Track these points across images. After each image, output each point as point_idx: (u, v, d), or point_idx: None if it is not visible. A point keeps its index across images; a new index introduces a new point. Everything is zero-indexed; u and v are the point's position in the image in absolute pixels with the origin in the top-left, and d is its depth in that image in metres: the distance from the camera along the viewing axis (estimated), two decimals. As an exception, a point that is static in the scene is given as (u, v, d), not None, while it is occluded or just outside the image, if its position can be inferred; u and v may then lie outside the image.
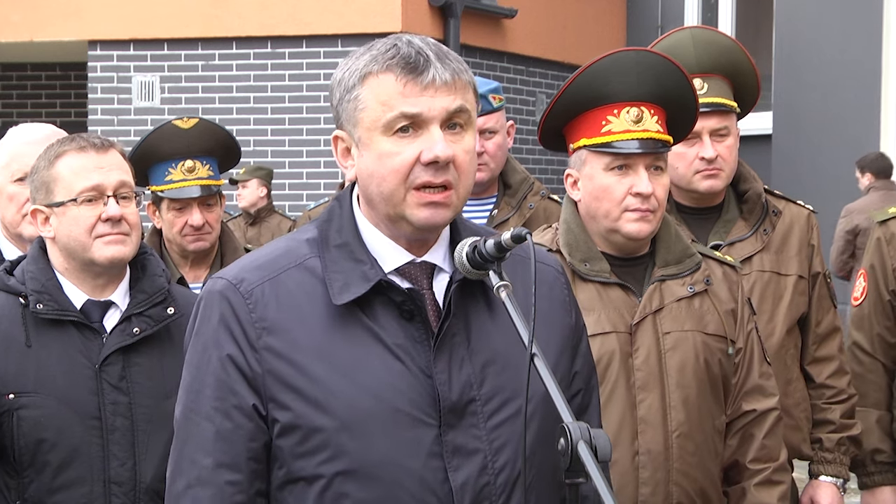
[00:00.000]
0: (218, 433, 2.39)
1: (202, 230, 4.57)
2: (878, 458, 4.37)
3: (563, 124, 3.49)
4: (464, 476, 2.38)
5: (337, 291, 2.40)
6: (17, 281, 3.37)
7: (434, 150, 2.35)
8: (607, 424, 3.34)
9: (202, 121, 4.70)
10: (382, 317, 2.41)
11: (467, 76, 2.42)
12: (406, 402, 2.38)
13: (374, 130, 2.38)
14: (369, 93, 2.38)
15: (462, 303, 2.44)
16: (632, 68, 3.39)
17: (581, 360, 2.64)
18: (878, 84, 10.35)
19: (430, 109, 2.36)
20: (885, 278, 4.37)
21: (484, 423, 2.41)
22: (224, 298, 2.42)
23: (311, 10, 11.78)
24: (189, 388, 2.44)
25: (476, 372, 2.42)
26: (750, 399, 3.53)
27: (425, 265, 2.46)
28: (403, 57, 2.37)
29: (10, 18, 12.38)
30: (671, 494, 3.39)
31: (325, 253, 2.44)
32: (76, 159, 3.36)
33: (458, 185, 2.39)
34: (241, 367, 2.39)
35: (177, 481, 2.43)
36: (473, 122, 2.43)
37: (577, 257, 3.45)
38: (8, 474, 3.29)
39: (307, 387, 2.37)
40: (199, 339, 2.44)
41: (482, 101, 4.75)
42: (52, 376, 3.28)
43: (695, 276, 3.49)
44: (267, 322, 2.39)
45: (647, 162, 3.39)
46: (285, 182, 11.75)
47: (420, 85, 2.36)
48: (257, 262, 2.47)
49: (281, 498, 2.42)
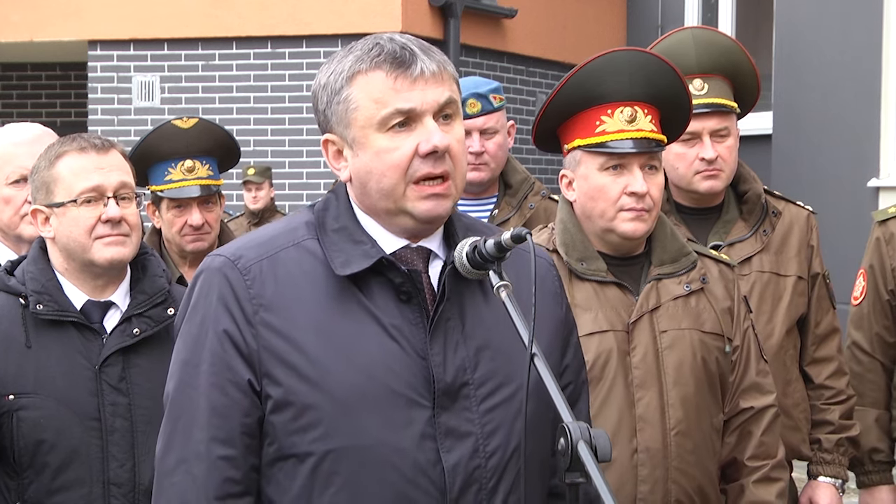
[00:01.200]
0: (213, 408, 2.40)
1: (201, 230, 4.58)
2: (875, 457, 4.37)
3: (557, 125, 3.50)
4: (456, 458, 2.40)
5: (339, 265, 2.42)
6: (17, 281, 3.37)
7: (432, 141, 2.38)
8: (605, 422, 3.35)
9: (202, 121, 4.71)
10: (379, 297, 2.43)
11: (451, 67, 2.47)
12: (400, 383, 2.40)
13: (370, 128, 2.41)
14: (360, 92, 2.41)
15: (457, 288, 2.46)
16: (625, 68, 3.40)
17: (571, 353, 2.67)
18: (878, 84, 10.34)
19: (423, 103, 2.40)
20: (884, 278, 4.37)
21: (477, 407, 2.43)
22: (222, 275, 2.44)
23: (311, 10, 11.77)
24: (184, 362, 2.45)
25: (470, 356, 2.45)
26: (747, 396, 3.54)
27: (421, 250, 2.49)
28: (390, 53, 2.40)
29: (10, 18, 12.37)
30: (669, 492, 3.39)
31: (322, 236, 2.47)
32: (77, 160, 3.36)
33: (455, 174, 2.43)
34: (237, 343, 2.40)
35: (168, 455, 2.44)
36: (460, 112, 2.47)
37: (574, 257, 3.46)
38: (7, 475, 3.29)
39: (302, 364, 2.38)
40: (196, 315, 2.45)
41: (482, 100, 4.76)
42: (51, 377, 3.28)
43: (691, 274, 3.50)
44: (264, 299, 2.41)
45: (641, 161, 3.40)
46: (285, 182, 11.74)
47: (410, 78, 2.40)
48: (255, 240, 2.49)
49: (271, 474, 2.43)
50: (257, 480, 2.43)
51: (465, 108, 4.77)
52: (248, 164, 10.88)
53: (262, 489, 2.44)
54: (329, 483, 2.39)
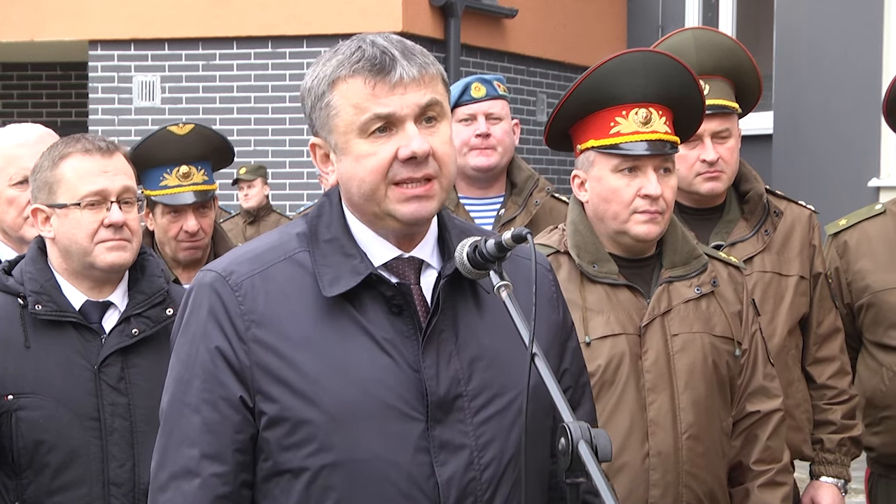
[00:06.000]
0: (205, 424, 2.40)
1: (196, 236, 4.57)
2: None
3: (570, 125, 3.49)
4: (450, 471, 2.39)
5: (327, 284, 2.41)
6: (15, 281, 3.36)
7: (411, 147, 2.37)
8: (617, 426, 3.35)
9: (198, 126, 4.69)
10: (371, 311, 2.42)
11: (434, 68, 2.44)
12: (394, 397, 2.39)
13: (350, 134, 2.40)
14: (340, 98, 2.41)
15: (450, 299, 2.45)
16: (640, 69, 3.39)
17: (570, 357, 2.65)
18: (878, 84, 10.33)
19: (402, 107, 2.38)
20: (839, 291, 4.37)
21: (471, 419, 2.42)
22: (213, 291, 2.43)
23: (312, 10, 11.77)
24: (177, 379, 2.45)
25: (464, 367, 2.44)
26: (754, 400, 3.53)
27: (413, 261, 2.47)
28: (369, 59, 2.39)
29: (11, 18, 12.37)
30: (681, 496, 3.39)
31: (314, 247, 2.46)
32: (81, 162, 3.35)
33: (441, 175, 2.42)
34: (229, 359, 2.40)
35: (161, 472, 2.44)
36: (447, 112, 2.46)
37: (586, 259, 3.45)
38: (7, 475, 3.29)
39: (295, 379, 2.38)
40: (188, 331, 2.45)
41: (487, 85, 4.79)
42: (50, 377, 3.28)
43: (701, 277, 3.49)
44: (256, 314, 2.40)
45: (655, 163, 3.39)
46: (285, 182, 11.74)
47: (389, 84, 2.38)
48: (247, 255, 2.48)
49: (266, 490, 2.42)
50: (249, 497, 2.43)
51: (470, 92, 4.78)
52: (247, 163, 10.88)
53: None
54: (324, 498, 2.38)
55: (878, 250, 4.33)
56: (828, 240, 4.43)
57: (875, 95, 10.11)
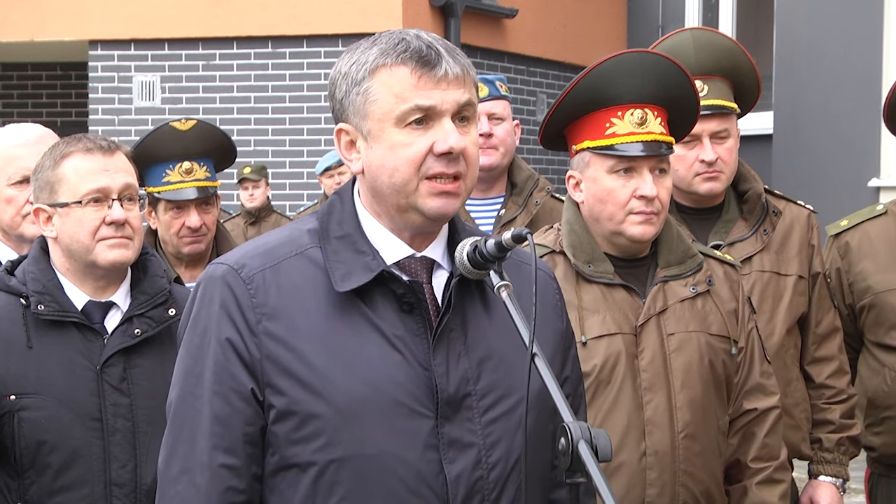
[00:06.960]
0: (216, 417, 2.40)
1: (199, 232, 4.57)
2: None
3: (565, 126, 3.50)
4: (458, 469, 2.40)
5: (339, 279, 2.41)
6: (18, 281, 3.36)
7: (449, 142, 2.38)
8: (614, 426, 3.36)
9: (200, 123, 4.70)
10: (382, 308, 2.42)
11: (473, 72, 2.46)
12: (404, 393, 2.39)
13: (387, 122, 2.40)
14: (380, 86, 2.40)
15: (460, 299, 2.46)
16: (636, 70, 3.39)
17: (571, 365, 2.66)
18: (878, 84, 10.34)
19: (442, 102, 2.39)
20: (841, 292, 4.37)
21: (479, 418, 2.43)
22: (225, 283, 2.43)
23: (312, 10, 11.77)
24: (187, 371, 2.45)
25: (473, 367, 2.44)
26: (751, 398, 3.54)
27: (425, 260, 2.48)
28: (416, 50, 2.39)
29: (11, 18, 12.37)
30: (677, 495, 3.39)
31: (326, 244, 2.46)
32: (82, 161, 3.36)
33: (467, 176, 2.43)
34: (239, 352, 2.40)
35: (171, 464, 2.43)
36: (477, 116, 2.48)
37: (582, 259, 3.46)
38: (9, 476, 3.29)
39: (305, 373, 2.38)
40: (198, 324, 2.45)
41: (490, 85, 4.80)
42: (52, 378, 3.28)
43: (697, 276, 3.50)
44: (267, 308, 2.40)
45: (651, 164, 3.40)
46: (286, 182, 11.74)
47: (434, 79, 2.39)
48: (258, 249, 2.48)
49: (274, 484, 2.42)
50: (260, 490, 2.43)
51: None
52: (248, 163, 10.88)
53: (264, 499, 2.43)
54: (331, 493, 2.38)
55: (879, 251, 4.33)
56: (829, 240, 4.44)
57: (875, 95, 10.11)
